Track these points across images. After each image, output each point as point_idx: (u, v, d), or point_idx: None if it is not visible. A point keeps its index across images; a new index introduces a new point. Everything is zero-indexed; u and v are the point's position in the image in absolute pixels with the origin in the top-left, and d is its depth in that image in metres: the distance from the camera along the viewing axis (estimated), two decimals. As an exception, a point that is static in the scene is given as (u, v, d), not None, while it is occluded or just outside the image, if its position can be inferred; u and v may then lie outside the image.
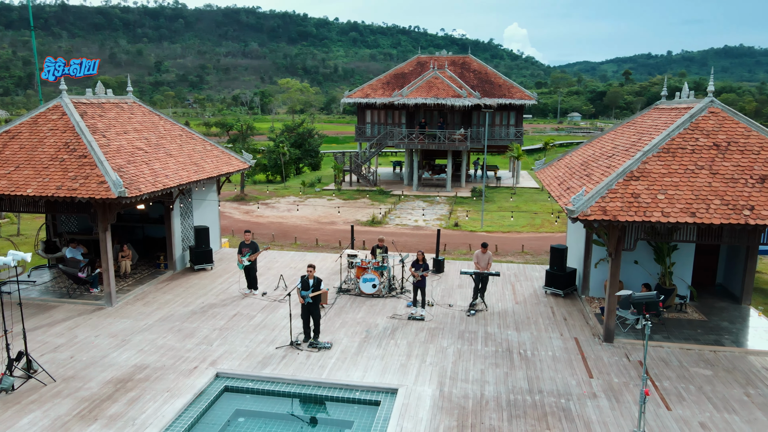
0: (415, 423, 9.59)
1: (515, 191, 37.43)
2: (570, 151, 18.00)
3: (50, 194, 13.50)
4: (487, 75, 40.78)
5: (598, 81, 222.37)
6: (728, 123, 12.72)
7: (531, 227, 27.70)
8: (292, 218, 29.33)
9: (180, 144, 17.86)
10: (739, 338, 13.06)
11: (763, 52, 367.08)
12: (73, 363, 11.61)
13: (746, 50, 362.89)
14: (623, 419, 9.74)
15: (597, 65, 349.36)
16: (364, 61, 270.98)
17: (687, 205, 11.49)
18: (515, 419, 9.74)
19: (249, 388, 11.02)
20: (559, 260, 15.87)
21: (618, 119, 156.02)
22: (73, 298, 15.17)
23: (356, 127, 41.26)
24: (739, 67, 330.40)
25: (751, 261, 14.97)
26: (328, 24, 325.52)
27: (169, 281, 16.93)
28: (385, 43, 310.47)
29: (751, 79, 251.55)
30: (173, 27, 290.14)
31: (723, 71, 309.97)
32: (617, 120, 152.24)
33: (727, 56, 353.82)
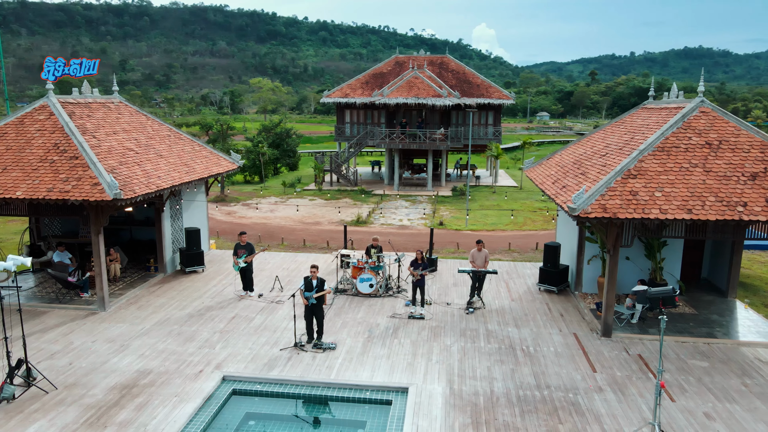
0: (430, 421, 9.65)
1: (495, 190, 37.87)
2: (559, 150, 18.32)
3: (41, 197, 13.12)
4: (465, 75, 41.15)
5: (565, 81, 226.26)
6: (719, 122, 13.14)
7: (514, 225, 28.06)
8: (276, 219, 29.10)
9: (169, 145, 17.55)
10: (730, 330, 13.51)
11: (720, 53, 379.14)
12: (73, 370, 11.32)
13: (705, 51, 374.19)
14: (631, 412, 9.98)
15: (563, 65, 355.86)
16: (335, 61, 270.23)
17: (683, 202, 11.84)
18: (527, 414, 9.89)
19: (257, 391, 10.92)
20: (553, 257, 16.15)
21: (585, 118, 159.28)
22: (64, 304, 14.77)
23: (336, 127, 41.15)
24: (698, 67, 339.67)
25: (737, 256, 15.50)
26: (297, 23, 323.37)
27: (161, 284, 16.63)
28: (355, 42, 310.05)
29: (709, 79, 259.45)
30: (138, 25, 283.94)
31: (683, 72, 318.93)
32: (585, 119, 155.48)
33: (687, 57, 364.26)
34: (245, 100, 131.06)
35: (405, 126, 37.27)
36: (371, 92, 39.35)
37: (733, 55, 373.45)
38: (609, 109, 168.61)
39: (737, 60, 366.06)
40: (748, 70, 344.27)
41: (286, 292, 16.08)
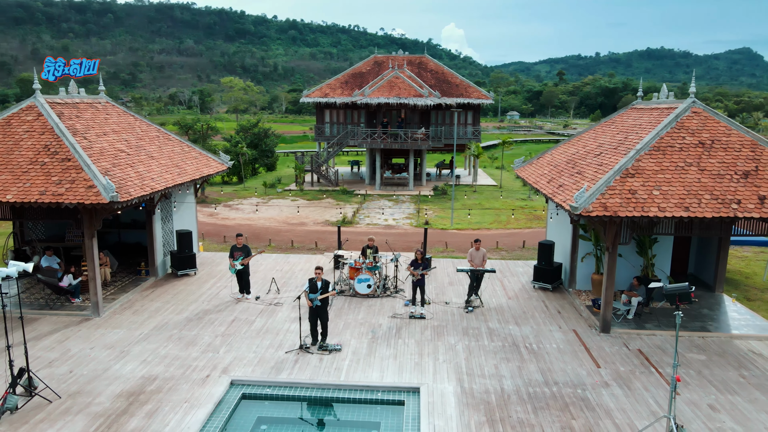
0: (446, 420, 9.71)
1: (475, 189, 38.22)
2: (549, 150, 18.60)
3: (33, 200, 12.74)
4: (444, 75, 41.41)
5: (533, 81, 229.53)
6: (710, 122, 13.54)
7: (498, 224, 28.38)
8: (260, 220, 28.80)
9: (159, 146, 17.22)
10: (722, 324, 13.94)
11: (681, 54, 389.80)
12: (74, 377, 11.03)
13: (667, 52, 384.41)
14: (639, 406, 10.22)
15: (531, 65, 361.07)
16: (305, 60, 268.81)
17: (680, 200, 12.17)
18: (540, 411, 10.04)
19: (267, 395, 10.81)
20: (547, 255, 16.40)
21: (554, 117, 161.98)
22: (55, 310, 14.36)
23: (315, 127, 40.94)
24: (660, 68, 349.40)
25: (724, 251, 16.00)
26: (266, 22, 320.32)
27: (154, 288, 16.31)
28: (325, 41, 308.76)
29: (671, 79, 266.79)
30: (102, 22, 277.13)
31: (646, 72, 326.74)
32: (554, 118, 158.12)
33: (650, 58, 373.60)
34: (215, 100, 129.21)
35: (386, 126, 37.31)
36: (351, 92, 39.28)
37: (693, 56, 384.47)
38: (577, 109, 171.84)
39: (697, 61, 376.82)
40: (707, 70, 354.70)
41: (283, 294, 15.95)
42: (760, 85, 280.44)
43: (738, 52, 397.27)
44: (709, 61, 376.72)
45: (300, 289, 16.45)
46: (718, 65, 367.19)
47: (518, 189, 39.27)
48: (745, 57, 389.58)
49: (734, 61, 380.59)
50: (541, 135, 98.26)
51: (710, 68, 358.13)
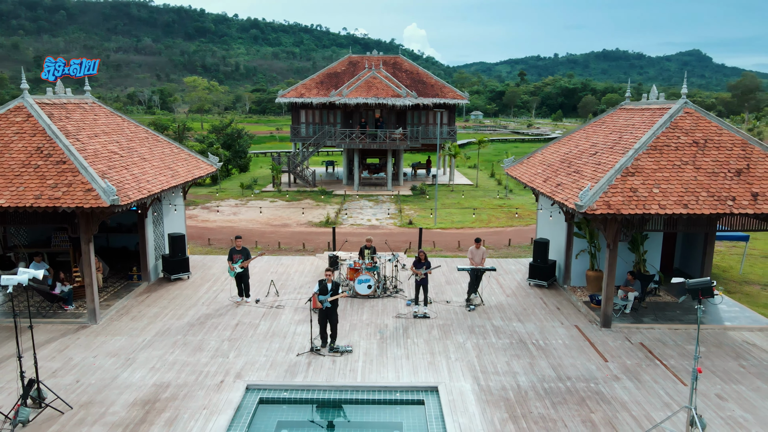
0: (470, 418, 9.81)
1: (453, 188, 38.56)
2: (539, 149, 18.96)
3: (28, 205, 12.27)
4: (419, 75, 41.64)
5: (495, 81, 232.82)
6: (702, 122, 14.06)
7: (480, 223, 28.73)
8: (241, 222, 28.40)
9: (150, 147, 16.81)
10: (714, 317, 14.49)
11: (635, 55, 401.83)
12: (83, 387, 10.69)
13: (622, 54, 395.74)
14: (651, 398, 10.54)
15: (492, 66, 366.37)
16: (267, 60, 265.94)
17: (679, 198, 12.60)
18: (559, 406, 10.24)
19: (285, 399, 10.72)
20: (543, 253, 16.72)
21: (517, 117, 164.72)
22: (47, 318, 13.87)
23: (291, 128, 40.57)
24: (616, 69, 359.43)
25: (710, 247, 16.63)
26: (227, 20, 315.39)
27: (148, 293, 15.91)
28: (287, 41, 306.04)
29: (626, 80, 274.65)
30: (54, 19, 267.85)
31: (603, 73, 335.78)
32: (516, 118, 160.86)
33: (606, 59, 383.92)
34: (177, 99, 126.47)
35: (365, 126, 37.29)
36: (326, 92, 39.11)
37: (646, 58, 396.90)
38: (538, 108, 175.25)
39: (650, 62, 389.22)
40: (660, 71, 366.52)
41: (283, 296, 15.80)
42: (709, 86, 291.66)
43: (688, 54, 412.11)
44: (662, 63, 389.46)
45: (299, 291, 16.33)
46: (670, 66, 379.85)
47: (494, 188, 39.82)
48: (695, 59, 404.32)
49: (685, 62, 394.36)
50: (506, 134, 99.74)
51: (663, 69, 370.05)
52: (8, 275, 9.21)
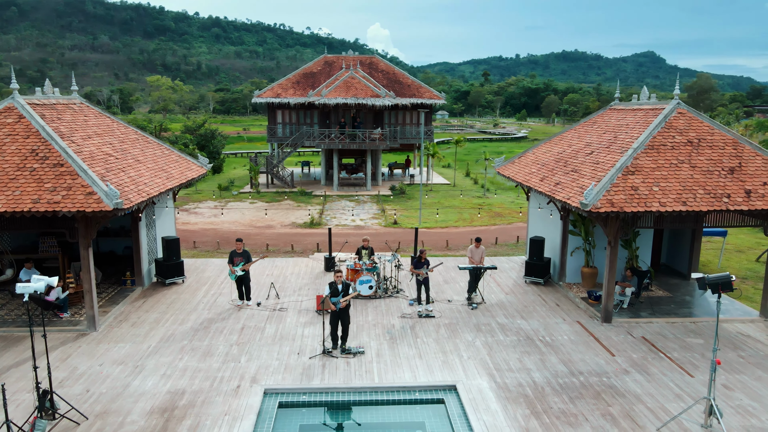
0: (493, 415, 9.93)
1: (431, 188, 38.81)
2: (530, 149, 19.27)
3: (26, 209, 11.83)
4: (395, 75, 41.75)
5: (460, 81, 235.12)
6: (695, 122, 14.55)
7: (463, 222, 29.01)
8: (223, 224, 27.95)
9: (141, 149, 16.40)
10: (707, 310, 15.02)
11: (593, 56, 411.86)
12: (94, 396, 10.38)
13: (580, 55, 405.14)
14: (663, 390, 10.87)
15: (455, 66, 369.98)
16: (230, 59, 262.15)
17: (678, 195, 13.02)
18: (577, 400, 10.47)
19: (304, 402, 10.64)
20: (539, 251, 17.01)
21: (481, 117, 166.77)
22: (42, 326, 13.35)
23: (268, 128, 40.12)
24: (575, 69, 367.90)
25: (697, 242, 17.23)
26: (187, 18, 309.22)
27: (144, 298, 15.53)
28: (250, 40, 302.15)
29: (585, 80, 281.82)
30: (4, 16, 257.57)
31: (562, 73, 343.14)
32: (481, 117, 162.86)
33: (566, 60, 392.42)
34: (140, 99, 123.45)
35: (344, 126, 37.19)
36: (303, 92, 38.84)
37: (603, 59, 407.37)
38: (502, 108, 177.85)
39: (607, 63, 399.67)
40: (617, 72, 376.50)
41: (284, 299, 15.65)
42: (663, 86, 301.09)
43: (643, 55, 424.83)
44: (618, 64, 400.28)
45: (299, 293, 16.20)
46: (626, 67, 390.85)
47: (471, 187, 40.27)
48: (649, 60, 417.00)
49: (640, 63, 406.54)
50: (474, 134, 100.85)
51: (619, 70, 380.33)
52: (23, 284, 8.86)
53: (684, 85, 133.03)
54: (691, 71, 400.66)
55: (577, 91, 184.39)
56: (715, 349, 9.23)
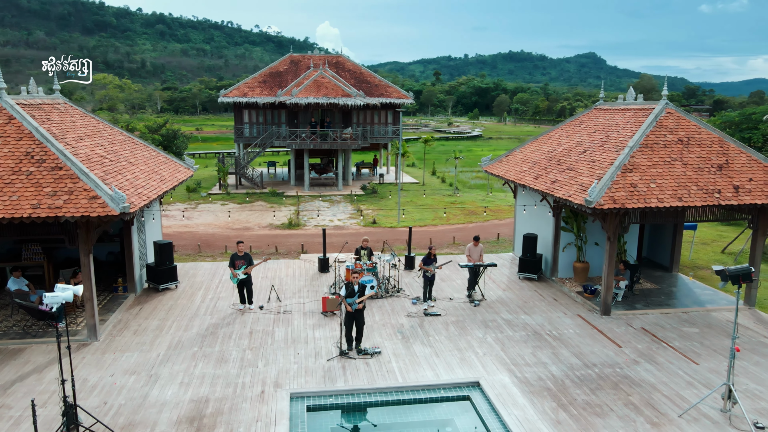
0: (523, 409, 10.14)
1: (402, 187, 39.00)
2: (517, 148, 19.70)
3: (26, 215, 11.24)
4: (362, 75, 41.72)
5: (411, 81, 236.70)
6: (683, 122, 15.25)
7: (439, 220, 29.32)
8: (198, 226, 27.27)
9: (131, 150, 15.83)
10: (694, 300, 15.78)
11: (539, 57, 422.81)
12: (114, 408, 9.99)
13: (526, 55, 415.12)
14: (674, 377, 11.37)
15: (406, 65, 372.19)
16: (176, 56, 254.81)
17: (673, 192, 13.62)
18: (598, 391, 10.82)
19: (332, 404, 10.56)
20: (532, 247, 17.42)
21: (434, 115, 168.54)
22: (39, 337, 12.75)
23: (234, 128, 39.32)
24: (521, 69, 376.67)
25: (679, 236, 18.05)
26: (130, 14, 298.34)
27: (139, 305, 15.00)
28: (196, 37, 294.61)
29: (531, 80, 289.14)
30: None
31: (509, 73, 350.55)
32: (433, 117, 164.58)
33: (512, 60, 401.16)
34: (85, 98, 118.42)
35: (315, 126, 36.89)
36: (270, 91, 38.30)
37: (548, 59, 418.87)
38: (454, 107, 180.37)
39: (552, 63, 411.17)
40: (561, 72, 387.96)
41: (285, 301, 15.45)
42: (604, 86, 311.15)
43: (585, 56, 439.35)
44: (562, 64, 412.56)
45: (299, 295, 16.03)
46: (570, 68, 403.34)
47: (439, 186, 40.72)
48: (591, 61, 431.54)
49: (582, 64, 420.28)
50: (430, 132, 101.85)
51: (563, 71, 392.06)
52: (52, 293, 8.45)
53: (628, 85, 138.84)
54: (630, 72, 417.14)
55: (525, 91, 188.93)
56: (735, 337, 9.73)
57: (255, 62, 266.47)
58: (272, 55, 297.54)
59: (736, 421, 9.74)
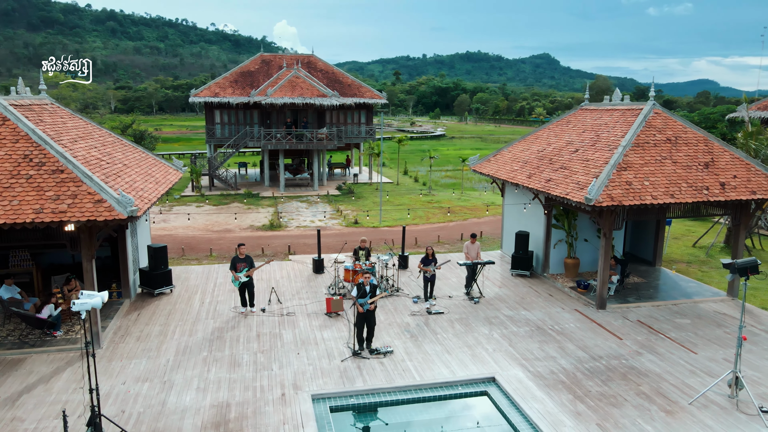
0: (542, 402, 10.41)
1: (377, 187, 39.09)
2: (504, 147, 20.10)
3: (28, 220, 10.85)
4: (335, 75, 41.61)
5: (371, 80, 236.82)
6: (670, 122, 15.89)
7: (419, 219, 29.57)
8: (177, 229, 26.68)
9: (123, 152, 15.43)
10: (681, 292, 16.45)
11: (495, 57, 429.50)
12: (135, 417, 9.76)
13: (483, 56, 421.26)
14: (676, 367, 11.87)
15: (365, 65, 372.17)
16: (128, 55, 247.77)
17: (666, 189, 14.20)
18: (609, 382, 11.20)
19: (354, 405, 10.59)
20: (524, 245, 17.82)
21: (394, 115, 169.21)
22: (38, 347, 12.30)
23: (206, 129, 38.59)
24: (478, 69, 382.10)
25: (662, 231, 18.78)
26: (78, 10, 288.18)
27: (136, 311, 14.63)
28: (150, 35, 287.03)
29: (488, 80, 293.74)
30: None
31: (467, 73, 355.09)
32: (394, 116, 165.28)
33: (469, 60, 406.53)
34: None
35: (291, 126, 36.58)
36: (242, 91, 37.79)
37: (504, 60, 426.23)
38: (415, 107, 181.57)
39: (508, 64, 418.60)
40: (516, 73, 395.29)
41: (286, 303, 15.35)
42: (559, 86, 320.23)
43: (540, 57, 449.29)
44: (518, 65, 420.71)
45: (298, 296, 15.95)
46: (525, 68, 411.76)
47: (413, 185, 40.99)
48: (545, 61, 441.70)
49: (537, 65, 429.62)
50: (393, 132, 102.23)
51: (519, 71, 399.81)
52: (81, 300, 8.20)
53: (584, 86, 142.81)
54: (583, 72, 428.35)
55: (484, 91, 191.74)
56: (742, 326, 10.24)
57: (212, 61, 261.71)
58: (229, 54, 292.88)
59: (742, 406, 10.26)
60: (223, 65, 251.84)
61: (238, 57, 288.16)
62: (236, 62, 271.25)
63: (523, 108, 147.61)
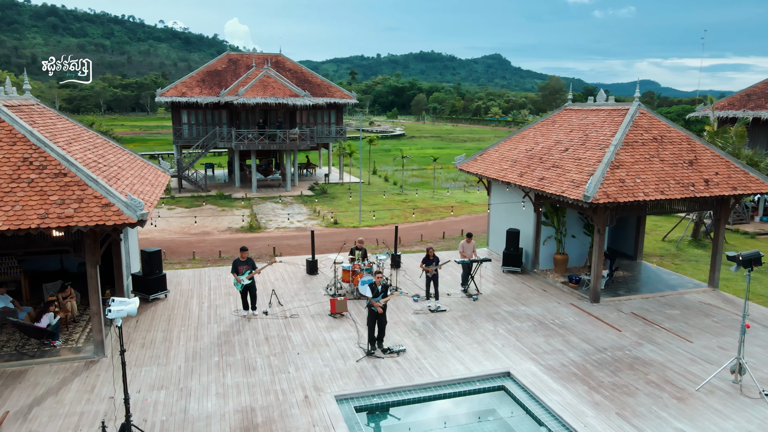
0: (559, 394, 10.74)
1: (349, 187, 39.07)
2: (490, 147, 20.48)
3: (33, 226, 10.42)
4: (303, 74, 41.30)
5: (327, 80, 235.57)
6: (655, 122, 16.57)
7: (398, 219, 29.74)
8: (153, 232, 25.98)
9: (115, 154, 14.96)
10: (666, 284, 17.20)
11: (448, 57, 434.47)
12: (159, 425, 9.53)
13: (436, 56, 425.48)
14: (677, 355, 12.43)
15: (319, 65, 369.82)
16: (71, 52, 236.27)
17: (656, 186, 14.82)
18: (618, 372, 11.64)
19: (377, 404, 10.65)
20: (515, 242, 18.23)
21: (352, 115, 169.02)
22: (38, 357, 11.81)
23: (173, 129, 37.63)
24: (432, 69, 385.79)
25: (642, 227, 19.55)
26: (17, 6, 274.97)
27: (134, 318, 14.20)
28: (94, 32, 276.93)
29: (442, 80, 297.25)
30: None
31: (421, 73, 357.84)
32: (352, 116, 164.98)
33: (423, 60, 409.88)
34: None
35: (263, 126, 36.10)
36: (210, 91, 37.08)
37: (457, 60, 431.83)
38: (371, 106, 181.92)
39: (461, 64, 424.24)
40: (469, 73, 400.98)
41: (287, 305, 15.22)
42: (510, 86, 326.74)
43: (491, 57, 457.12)
44: (470, 65, 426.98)
45: (297, 298, 15.84)
46: (477, 68, 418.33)
47: (384, 185, 41.15)
48: (497, 62, 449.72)
49: (489, 65, 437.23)
50: (354, 132, 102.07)
51: (472, 71, 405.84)
52: (117, 307, 7.95)
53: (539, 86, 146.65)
54: (533, 73, 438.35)
55: (440, 90, 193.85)
56: (745, 315, 10.83)
57: (161, 59, 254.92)
58: (180, 52, 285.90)
59: (746, 390, 10.86)
60: (173, 63, 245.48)
61: (189, 55, 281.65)
62: (187, 60, 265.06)
63: (479, 107, 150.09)
